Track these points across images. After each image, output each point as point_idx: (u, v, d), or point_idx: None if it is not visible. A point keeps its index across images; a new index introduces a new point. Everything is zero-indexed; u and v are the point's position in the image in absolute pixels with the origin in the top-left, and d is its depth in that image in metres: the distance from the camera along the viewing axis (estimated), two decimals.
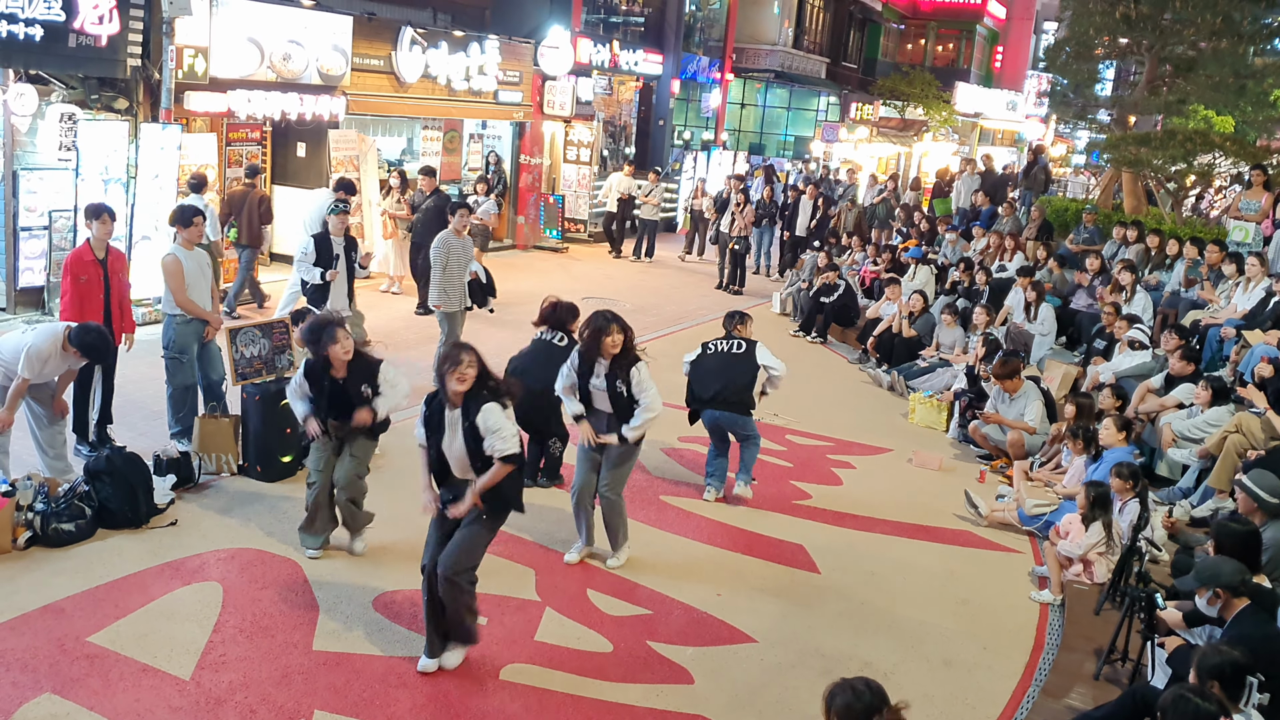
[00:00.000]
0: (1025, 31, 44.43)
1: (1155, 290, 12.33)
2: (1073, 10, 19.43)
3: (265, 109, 12.39)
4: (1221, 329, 10.24)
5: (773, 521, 7.67)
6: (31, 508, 6.22)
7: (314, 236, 9.24)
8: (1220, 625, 5.13)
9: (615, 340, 6.32)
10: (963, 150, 34.44)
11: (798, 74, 30.80)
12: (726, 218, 16.76)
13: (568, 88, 18.72)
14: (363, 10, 14.66)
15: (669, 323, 13.86)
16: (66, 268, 7.32)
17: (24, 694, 4.80)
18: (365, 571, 6.30)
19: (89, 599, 5.67)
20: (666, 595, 6.38)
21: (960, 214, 19.73)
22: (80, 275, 7.27)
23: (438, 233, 9.93)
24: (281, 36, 12.71)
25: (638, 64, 22.99)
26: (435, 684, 5.21)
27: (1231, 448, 7.75)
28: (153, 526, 6.59)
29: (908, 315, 12.20)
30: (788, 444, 9.50)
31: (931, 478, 8.98)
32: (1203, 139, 15.53)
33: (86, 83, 11.03)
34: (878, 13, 36.60)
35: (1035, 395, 9.17)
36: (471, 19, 18.12)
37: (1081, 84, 20.67)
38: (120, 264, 7.65)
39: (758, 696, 5.42)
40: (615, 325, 6.35)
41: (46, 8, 9.80)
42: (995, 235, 15.38)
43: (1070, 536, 6.89)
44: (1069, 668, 5.91)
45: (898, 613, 6.47)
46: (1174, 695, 4.05)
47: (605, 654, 5.68)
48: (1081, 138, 42.05)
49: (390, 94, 14.99)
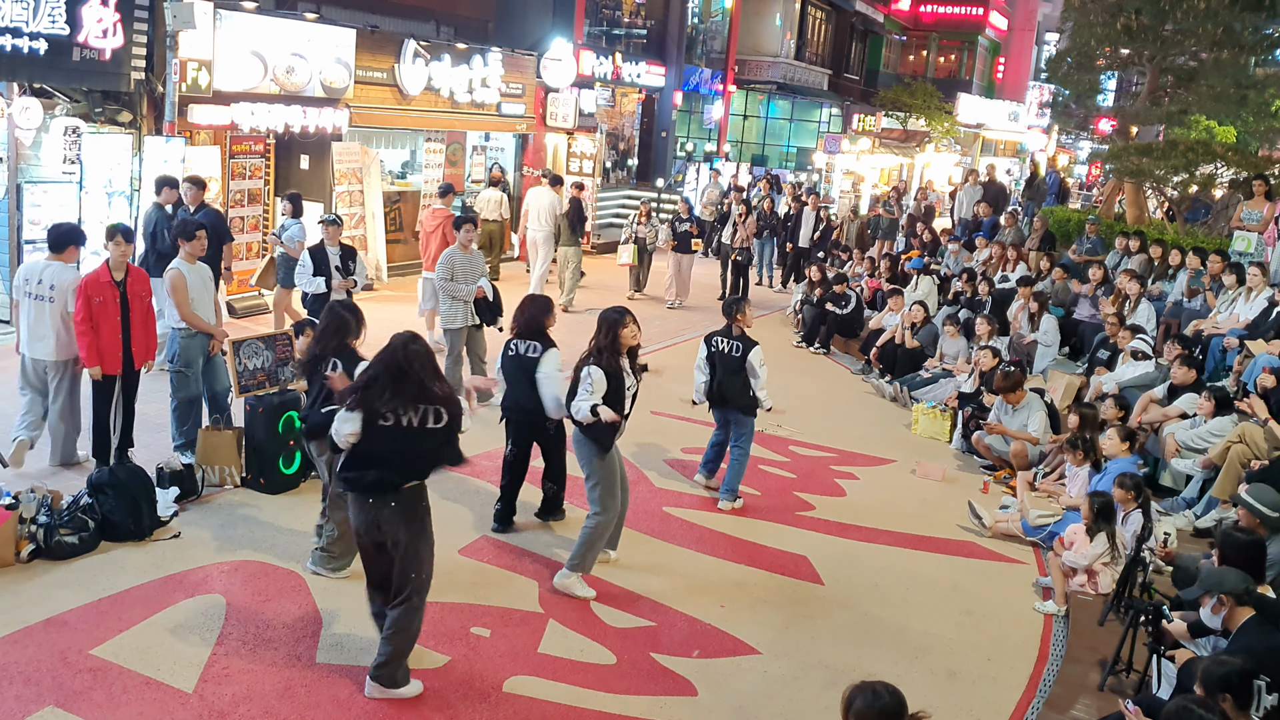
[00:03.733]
0: (1027, 42, 44.53)
1: (1158, 300, 12.33)
2: (1074, 21, 19.45)
3: (268, 122, 12.43)
4: (1224, 339, 10.23)
5: (776, 532, 7.67)
6: (35, 520, 6.22)
7: (309, 249, 9.31)
8: (1225, 637, 5.12)
9: (633, 331, 6.47)
10: (965, 161, 34.47)
11: (800, 85, 30.87)
12: (728, 229, 16.77)
13: (570, 100, 18.77)
14: (366, 23, 14.72)
15: (672, 334, 13.87)
16: (80, 289, 7.08)
17: (27, 707, 4.79)
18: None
19: (92, 611, 5.67)
20: (670, 607, 6.37)
21: (962, 224, 19.76)
22: (95, 297, 7.07)
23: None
24: (285, 49, 12.76)
25: (640, 76, 23.05)
26: (439, 698, 5.19)
27: (1235, 458, 7.74)
28: (156, 539, 6.59)
29: (910, 326, 12.20)
30: (791, 455, 9.49)
31: (935, 489, 8.97)
32: (1204, 149, 15.57)
33: (90, 96, 11.07)
34: (879, 24, 36.70)
35: (1039, 406, 9.17)
36: (474, 32, 18.18)
37: (1083, 95, 20.71)
38: (142, 284, 7.43)
39: (761, 708, 5.41)
40: (629, 316, 6.48)
41: (51, 22, 9.85)
42: (998, 246, 15.39)
43: (1075, 547, 6.88)
44: (1073, 679, 5.90)
45: (902, 624, 6.46)
46: (1177, 707, 4.04)
47: (608, 666, 5.67)
48: (1083, 148, 42.06)
49: (393, 107, 15.03)
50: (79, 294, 7.12)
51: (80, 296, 7.11)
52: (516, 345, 6.99)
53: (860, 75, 37.06)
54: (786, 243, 18.57)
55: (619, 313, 6.48)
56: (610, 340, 6.38)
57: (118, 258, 7.27)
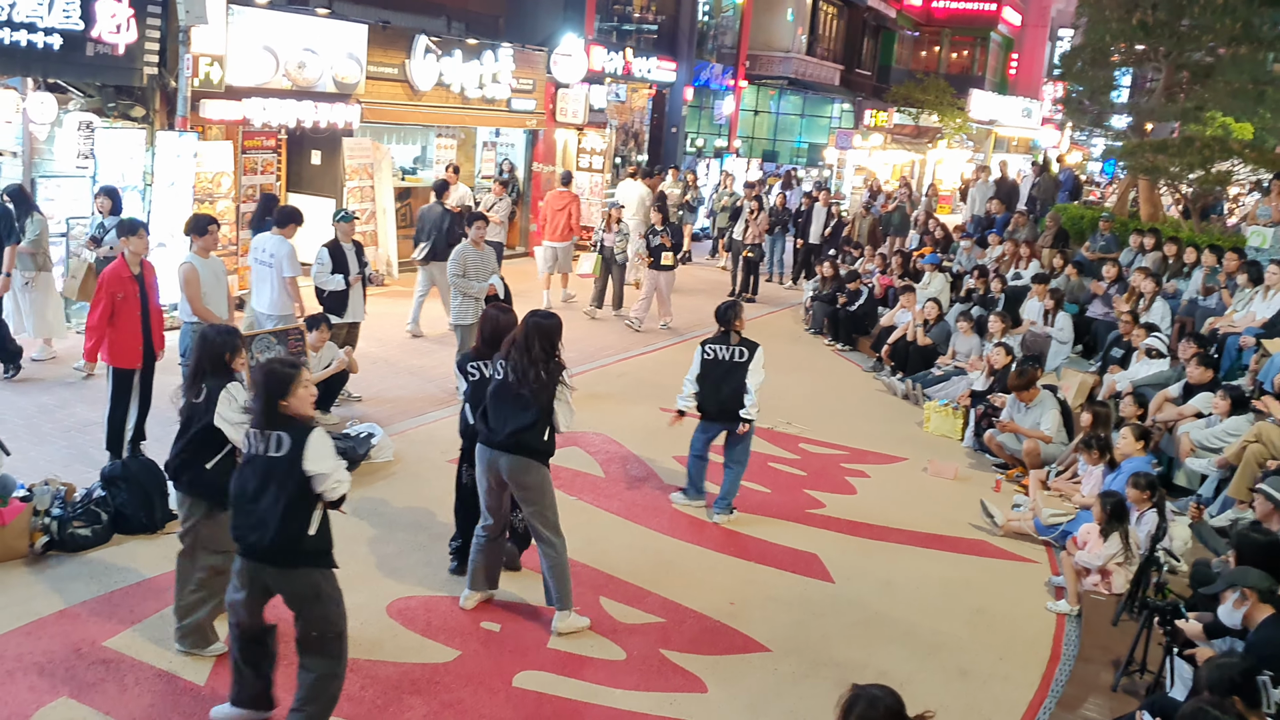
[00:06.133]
0: (1040, 38, 44.31)
1: (1173, 298, 12.25)
2: (1089, 17, 19.33)
3: (280, 117, 12.44)
4: (1241, 337, 10.16)
5: (787, 530, 7.64)
6: (48, 513, 6.25)
7: (326, 246, 9.30)
8: (1241, 637, 5.09)
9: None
10: (977, 158, 34.33)
11: (811, 81, 30.78)
12: (740, 225, 16.73)
13: (581, 95, 18.74)
14: (377, 18, 14.71)
15: (683, 330, 13.85)
16: (102, 283, 7.19)
17: (41, 698, 4.82)
18: (379, 577, 6.29)
19: (105, 604, 5.69)
20: (679, 604, 6.36)
21: (975, 221, 19.67)
22: (117, 292, 7.17)
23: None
24: (297, 45, 12.76)
25: (651, 71, 23.00)
26: (449, 692, 5.20)
27: (1251, 457, 7.69)
28: (168, 532, 6.58)
29: (922, 323, 12.15)
30: (802, 453, 9.46)
31: (947, 487, 8.93)
32: (1221, 146, 15.45)
33: (104, 91, 11.10)
34: (892, 20, 36.57)
35: (1051, 404, 9.12)
36: (485, 27, 18.16)
37: (1097, 91, 20.56)
38: (153, 279, 7.54)
39: (771, 706, 5.40)
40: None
41: (65, 17, 9.87)
42: (1010, 243, 15.32)
43: (1088, 547, 6.84)
44: (1086, 679, 5.87)
45: (913, 622, 6.44)
46: (1193, 708, 4.01)
47: (618, 662, 5.66)
48: (1097, 145, 41.86)
49: (404, 102, 15.03)
50: (100, 289, 7.20)
51: (102, 290, 7.18)
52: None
53: (872, 71, 36.94)
54: (797, 239, 18.53)
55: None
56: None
57: (136, 251, 7.32)
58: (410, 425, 9.07)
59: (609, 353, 12.24)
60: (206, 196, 11.46)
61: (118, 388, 7.37)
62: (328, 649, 4.60)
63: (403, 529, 6.94)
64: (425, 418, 9.29)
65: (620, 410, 9.90)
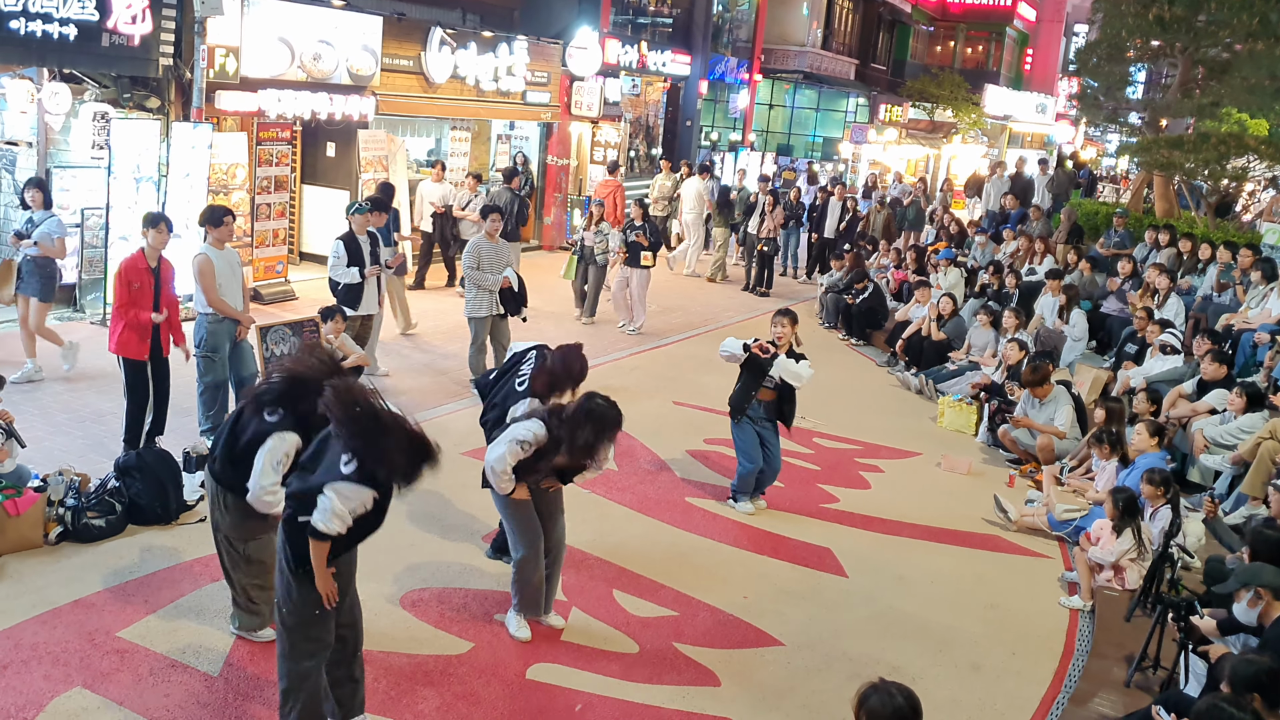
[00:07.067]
0: (1055, 34, 44.06)
1: (1187, 295, 12.19)
2: (1104, 12, 19.17)
3: (295, 109, 12.46)
4: (1255, 334, 10.11)
5: (800, 525, 7.64)
6: (63, 503, 6.28)
7: (341, 238, 9.28)
8: (1256, 634, 5.06)
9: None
10: (992, 153, 34.18)
11: (826, 75, 30.69)
12: (755, 219, 16.70)
13: (595, 88, 18.71)
14: (393, 10, 14.71)
15: (696, 325, 13.84)
16: (120, 274, 7.23)
17: (55, 687, 4.84)
18: (392, 569, 6.31)
19: (119, 594, 5.72)
20: (693, 597, 6.36)
21: (990, 217, 19.59)
22: (134, 283, 7.21)
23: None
24: (312, 36, 12.77)
25: (666, 65, 22.95)
26: (462, 683, 5.21)
27: (1266, 454, 7.65)
28: (182, 523, 6.64)
29: (936, 318, 12.12)
30: (815, 447, 9.45)
31: (960, 482, 8.91)
32: (1236, 142, 15.34)
33: (119, 82, 11.13)
34: (907, 14, 36.41)
35: (1065, 400, 9.09)
36: (500, 20, 18.15)
37: (1113, 87, 20.44)
38: (169, 273, 7.53)
39: (784, 699, 5.40)
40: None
41: (80, 7, 9.90)
42: (1025, 238, 15.27)
43: (1101, 543, 6.82)
44: (1099, 674, 5.85)
45: (926, 617, 6.43)
46: (1208, 705, 3.99)
47: (631, 655, 5.67)
48: (1112, 141, 41.65)
49: (419, 94, 15.03)
50: (118, 279, 7.24)
51: (120, 281, 7.21)
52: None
53: (887, 65, 36.79)
54: (812, 233, 18.49)
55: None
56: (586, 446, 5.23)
57: (156, 244, 7.33)
58: (425, 417, 9.07)
59: (620, 347, 12.25)
60: (221, 188, 11.54)
61: (131, 380, 7.38)
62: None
63: (416, 521, 6.95)
64: (440, 410, 9.29)
65: (633, 404, 9.87)
